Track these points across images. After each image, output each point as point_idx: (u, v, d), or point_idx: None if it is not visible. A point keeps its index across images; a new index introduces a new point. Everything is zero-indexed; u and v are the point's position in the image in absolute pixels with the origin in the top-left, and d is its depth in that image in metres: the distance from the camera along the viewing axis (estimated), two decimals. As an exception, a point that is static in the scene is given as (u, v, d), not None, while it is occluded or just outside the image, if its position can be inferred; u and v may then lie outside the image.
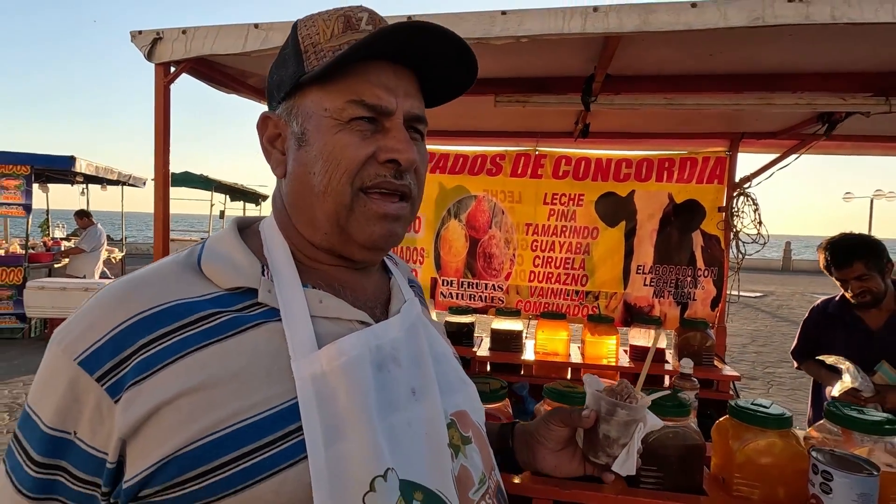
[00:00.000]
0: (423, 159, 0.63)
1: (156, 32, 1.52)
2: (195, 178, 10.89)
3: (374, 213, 0.59)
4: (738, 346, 7.77)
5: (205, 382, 0.50)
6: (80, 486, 0.50)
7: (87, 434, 0.49)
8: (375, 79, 0.57)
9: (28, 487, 0.50)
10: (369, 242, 0.60)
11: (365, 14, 0.60)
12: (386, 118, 0.58)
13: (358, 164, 0.57)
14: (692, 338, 2.32)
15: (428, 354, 0.64)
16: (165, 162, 1.58)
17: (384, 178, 0.58)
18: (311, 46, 0.59)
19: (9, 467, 0.52)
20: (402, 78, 0.60)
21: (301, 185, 0.60)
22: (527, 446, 0.82)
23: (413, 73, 0.61)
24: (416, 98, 0.61)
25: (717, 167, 2.57)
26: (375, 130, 0.58)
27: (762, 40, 1.41)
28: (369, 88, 0.57)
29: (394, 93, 0.58)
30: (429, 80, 0.63)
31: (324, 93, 0.58)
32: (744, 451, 1.20)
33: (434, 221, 2.85)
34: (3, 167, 6.36)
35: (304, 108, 0.59)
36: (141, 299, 0.52)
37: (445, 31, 0.57)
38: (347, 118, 0.57)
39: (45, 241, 9.03)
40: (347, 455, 0.51)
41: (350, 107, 0.57)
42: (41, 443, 0.50)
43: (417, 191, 0.63)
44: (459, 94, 0.67)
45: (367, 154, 0.57)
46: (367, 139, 0.58)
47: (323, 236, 0.61)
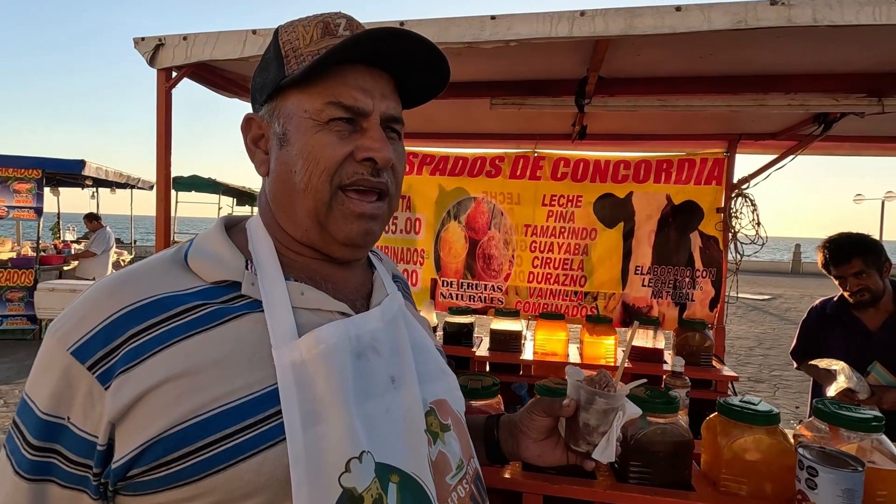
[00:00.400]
0: (399, 158, 0.66)
1: (158, 39, 1.56)
2: (203, 182, 11.00)
3: (351, 212, 0.62)
4: (744, 349, 7.72)
5: (189, 369, 0.53)
6: (73, 467, 0.53)
7: (80, 419, 0.52)
8: (352, 81, 0.60)
9: (25, 469, 0.53)
10: (347, 240, 0.63)
11: (343, 20, 0.63)
12: (363, 119, 0.61)
13: (336, 163, 0.60)
14: (690, 338, 2.33)
15: (408, 345, 0.67)
16: (167, 164, 1.63)
17: (361, 175, 0.61)
18: (291, 51, 0.62)
19: (8, 450, 0.55)
20: (378, 80, 0.62)
21: (283, 183, 0.62)
22: (511, 436, 0.85)
23: (389, 76, 0.64)
24: (391, 100, 0.64)
25: (715, 168, 2.58)
26: (353, 131, 0.61)
27: (752, 42, 1.43)
28: (346, 91, 0.60)
29: (370, 94, 0.61)
30: (405, 82, 0.66)
31: (304, 95, 0.61)
32: (731, 447, 1.21)
33: (434, 223, 2.88)
34: (15, 171, 6.48)
35: (285, 109, 0.62)
36: (130, 292, 0.55)
37: (417, 36, 0.60)
38: (326, 119, 0.60)
39: (55, 244, 9.18)
40: (324, 437, 0.53)
41: (328, 108, 0.60)
42: (37, 427, 0.53)
43: (395, 188, 0.66)
44: (433, 96, 0.70)
45: (344, 153, 0.60)
46: (344, 139, 0.60)
47: (304, 233, 0.64)
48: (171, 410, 0.51)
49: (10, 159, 6.55)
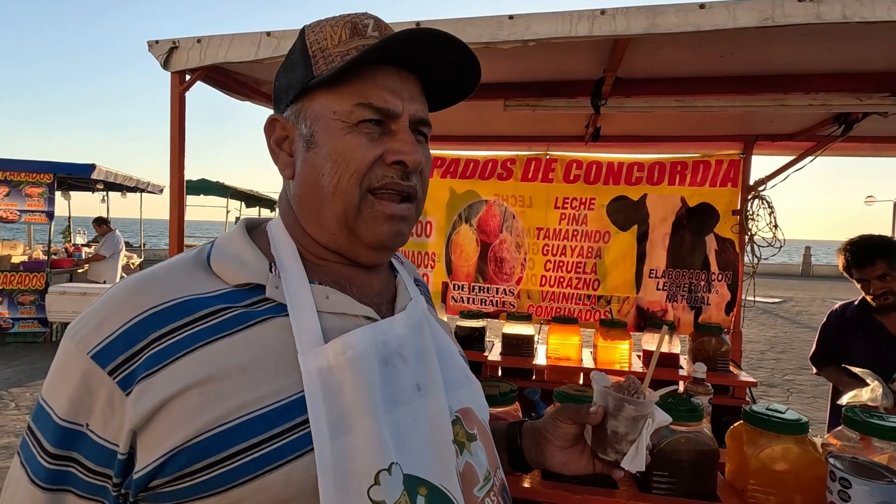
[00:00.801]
0: (427, 161, 0.65)
1: (172, 42, 1.56)
2: (212, 186, 11.07)
3: (381, 214, 0.60)
4: (756, 353, 7.63)
5: (213, 375, 0.51)
6: (92, 477, 0.51)
7: (99, 426, 0.50)
8: (382, 83, 0.59)
9: (42, 478, 0.51)
10: (377, 242, 0.61)
11: (371, 21, 0.61)
12: (392, 121, 0.60)
13: (366, 166, 0.59)
14: (707, 343, 2.28)
15: (433, 351, 0.65)
16: (181, 167, 1.62)
17: (391, 179, 0.60)
18: (319, 51, 0.60)
19: (24, 458, 0.53)
20: (406, 82, 0.61)
21: (309, 186, 0.61)
22: (536, 444, 0.82)
23: (417, 78, 0.63)
24: (420, 102, 0.63)
25: (730, 170, 2.54)
26: (382, 133, 0.60)
27: (775, 41, 1.40)
28: (376, 92, 0.59)
29: (400, 96, 0.60)
30: (433, 84, 0.65)
31: (332, 96, 0.59)
32: (758, 457, 1.18)
33: (445, 226, 2.86)
34: (27, 175, 6.54)
35: (312, 110, 0.61)
36: (152, 295, 0.53)
37: (452, 38, 0.59)
38: (356, 120, 0.59)
39: (66, 248, 9.26)
40: (353, 448, 0.52)
41: (358, 109, 0.58)
42: (54, 435, 0.51)
43: (422, 192, 0.65)
44: (462, 98, 0.68)
45: (374, 156, 0.59)
46: (374, 141, 0.59)
47: (331, 237, 0.62)
48: (196, 418, 0.49)
49: (22, 164, 6.61)
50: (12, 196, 6.50)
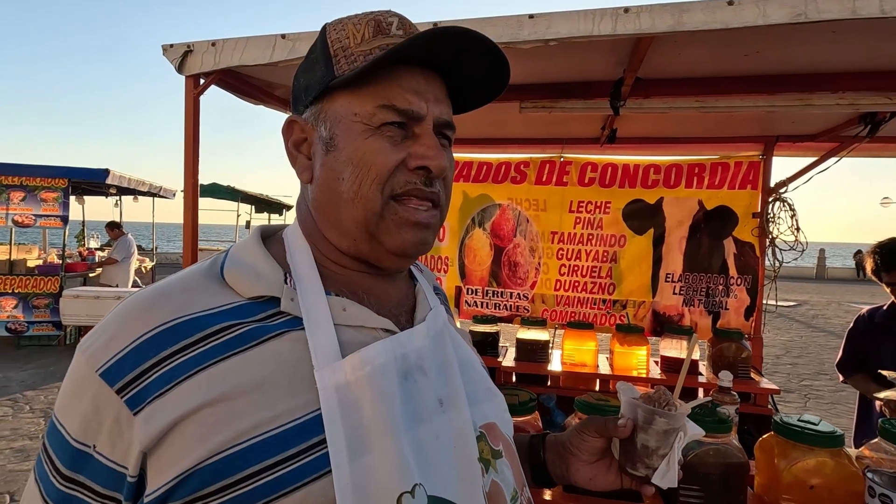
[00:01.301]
0: (451, 166, 0.62)
1: (186, 45, 1.55)
2: (222, 190, 11.15)
3: (405, 220, 0.57)
4: (771, 358, 7.50)
5: (227, 394, 0.48)
6: (100, 501, 0.49)
7: (107, 447, 0.48)
8: (406, 83, 0.56)
9: (54, 499, 0.50)
10: (399, 250, 0.58)
11: (395, 19, 0.59)
12: (416, 123, 0.57)
13: (389, 171, 0.56)
14: (727, 349, 2.23)
15: (455, 363, 0.62)
16: (195, 171, 1.61)
17: (414, 185, 0.57)
18: (340, 50, 0.57)
19: (38, 475, 0.52)
20: (432, 83, 0.59)
21: (329, 190, 0.58)
22: (560, 458, 0.79)
23: (442, 79, 0.60)
24: (445, 104, 0.60)
25: (750, 172, 2.48)
26: (406, 136, 0.57)
27: (802, 38, 1.36)
28: (400, 93, 0.56)
29: (424, 98, 0.57)
30: (458, 86, 0.62)
31: (354, 97, 0.57)
32: (791, 470, 1.13)
33: (458, 230, 2.83)
34: (43, 180, 6.63)
35: (332, 112, 0.58)
36: (163, 311, 0.51)
37: (481, 36, 0.56)
38: (378, 123, 0.56)
39: (80, 252, 9.36)
40: (373, 469, 0.49)
41: (381, 111, 0.56)
42: (66, 455, 0.49)
43: (445, 199, 0.62)
44: (489, 100, 0.65)
45: (397, 160, 0.56)
46: (397, 145, 0.56)
47: (351, 242, 0.59)
48: (208, 439, 0.47)
49: (37, 169, 6.70)
50: (28, 201, 6.59)
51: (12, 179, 6.54)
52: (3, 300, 6.56)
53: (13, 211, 6.54)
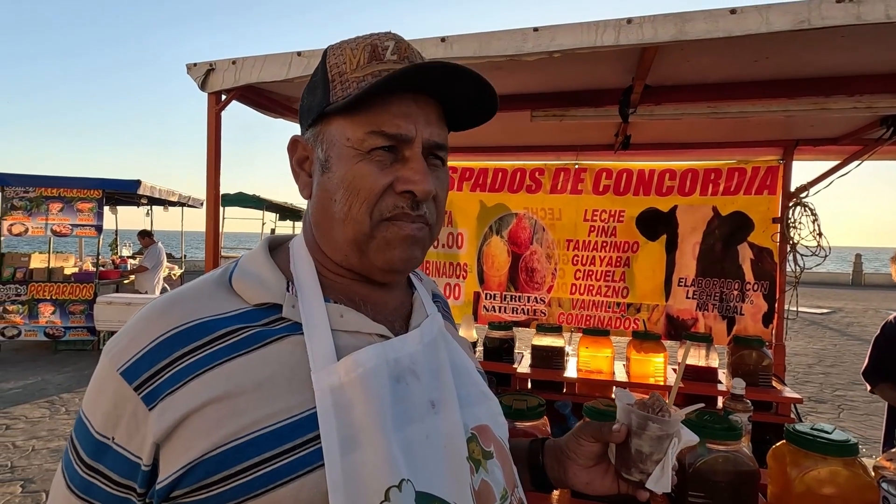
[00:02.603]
0: (442, 186, 0.64)
1: (209, 64, 1.63)
2: (248, 198, 11.45)
3: (394, 236, 0.60)
4: (803, 367, 7.26)
5: (230, 392, 0.53)
6: (117, 489, 0.53)
7: (124, 439, 0.53)
8: (396, 108, 0.59)
9: (76, 485, 0.55)
10: (388, 266, 0.61)
11: (391, 43, 0.61)
12: (406, 146, 0.59)
13: (376, 195, 0.58)
14: (746, 356, 2.19)
15: (448, 368, 0.64)
16: (216, 182, 1.68)
17: (401, 209, 0.59)
18: (337, 76, 0.60)
19: (64, 464, 0.57)
20: (423, 106, 0.60)
21: (323, 209, 0.62)
22: (558, 463, 0.80)
23: (435, 101, 0.62)
24: (436, 126, 0.62)
25: (768, 177, 2.44)
26: (395, 160, 0.59)
27: (813, 43, 1.35)
28: (389, 119, 0.58)
29: (413, 121, 0.59)
30: (453, 107, 0.64)
31: (347, 122, 0.60)
32: (803, 479, 1.12)
33: (476, 237, 2.88)
34: (79, 192, 6.94)
35: (328, 135, 0.61)
36: (176, 315, 0.56)
37: (467, 71, 0.58)
38: (368, 148, 0.58)
39: (113, 259, 9.72)
40: (363, 465, 0.52)
41: (370, 137, 0.58)
42: (90, 445, 0.54)
43: (435, 218, 0.64)
44: (480, 123, 0.67)
45: (384, 184, 0.59)
46: (385, 169, 0.59)
47: (343, 257, 0.63)
48: (213, 433, 0.51)
49: (74, 181, 7.02)
50: (65, 211, 6.90)
51: (51, 191, 6.87)
52: (42, 306, 6.87)
53: (52, 221, 6.86)
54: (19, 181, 6.84)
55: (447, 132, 0.65)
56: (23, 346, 7.07)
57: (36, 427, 4.36)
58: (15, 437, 4.13)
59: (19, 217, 6.81)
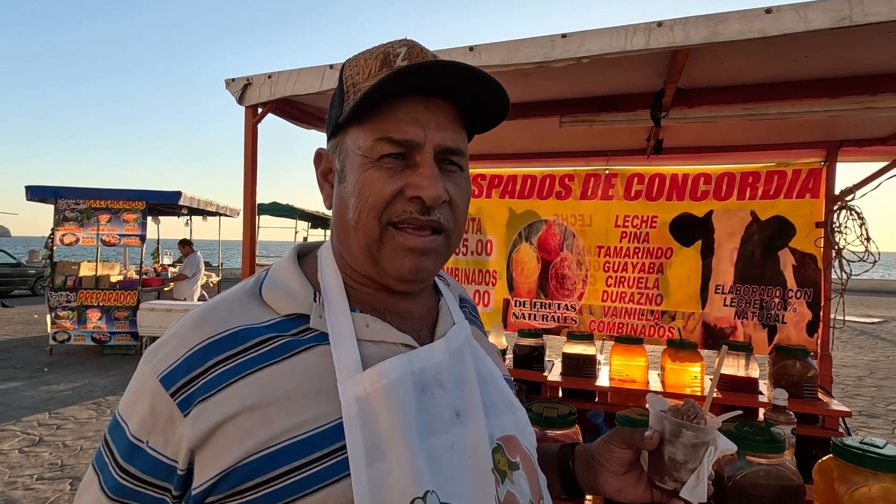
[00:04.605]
0: (460, 191, 0.62)
1: (246, 79, 1.69)
2: (282, 208, 11.74)
3: (401, 246, 0.60)
4: (852, 379, 6.89)
5: (261, 401, 0.54)
6: (150, 490, 0.55)
7: (160, 443, 0.55)
8: (404, 114, 0.58)
9: (111, 488, 0.56)
10: (398, 275, 0.61)
11: (403, 49, 0.60)
12: (416, 152, 0.59)
13: (385, 201, 0.58)
14: (790, 366, 2.09)
15: (473, 377, 0.64)
16: (253, 192, 1.74)
17: (411, 214, 0.59)
18: (351, 86, 0.61)
19: (97, 466, 0.58)
20: (434, 110, 0.59)
21: (340, 218, 0.63)
22: (589, 469, 0.79)
23: (450, 104, 0.61)
24: (449, 130, 0.60)
25: (809, 179, 2.35)
26: (406, 166, 0.59)
27: (856, 40, 1.29)
28: (397, 125, 0.58)
29: (423, 126, 0.58)
30: (469, 109, 0.63)
31: (359, 131, 0.60)
32: (853, 496, 1.06)
33: (505, 244, 2.86)
34: (125, 203, 7.30)
35: (344, 146, 0.62)
36: (211, 325, 0.58)
37: (463, 67, 0.56)
38: (377, 156, 0.58)
39: (155, 268, 10.14)
40: (388, 475, 0.52)
41: (379, 144, 0.58)
42: (126, 449, 0.56)
43: (453, 224, 0.62)
44: (495, 124, 0.66)
45: (393, 190, 0.58)
46: (395, 175, 0.59)
47: (361, 266, 0.63)
48: (246, 441, 0.52)
49: (120, 193, 7.39)
50: (113, 222, 7.27)
51: (99, 203, 7.25)
52: (90, 312, 7.22)
53: (101, 231, 7.22)
54: (71, 194, 7.24)
55: (464, 136, 0.64)
56: (72, 350, 7.43)
57: (84, 427, 4.57)
58: (65, 437, 4.34)
59: (71, 228, 7.20)
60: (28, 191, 7.31)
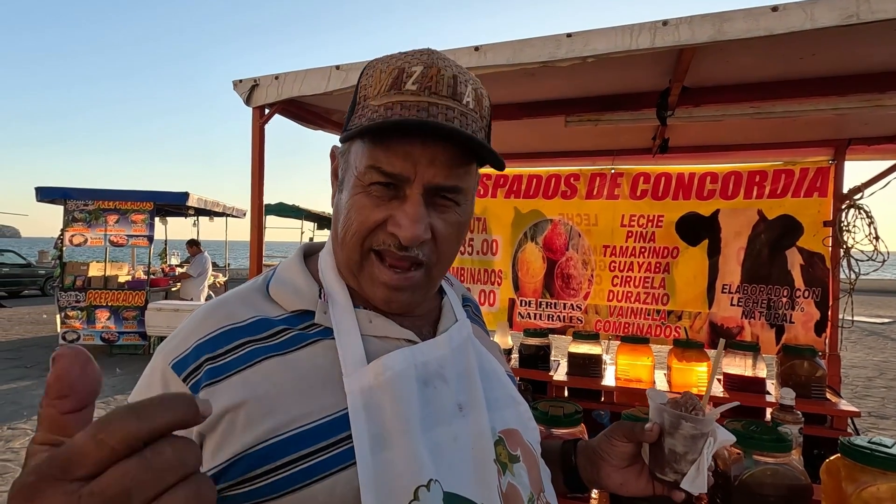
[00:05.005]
0: (449, 228, 0.61)
1: (253, 80, 1.71)
2: (288, 208, 11.80)
3: (377, 278, 0.61)
4: (862, 380, 6.82)
5: (269, 390, 0.56)
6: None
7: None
8: (397, 147, 0.56)
9: None
10: (375, 301, 0.63)
11: (418, 69, 0.58)
12: (406, 185, 0.58)
13: (368, 229, 0.59)
14: (798, 366, 2.08)
15: (476, 372, 0.65)
16: (260, 192, 1.75)
17: (388, 247, 0.59)
18: (362, 99, 0.60)
19: None
20: (430, 146, 0.56)
21: (335, 224, 0.64)
22: (591, 463, 0.79)
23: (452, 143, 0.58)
24: (445, 167, 0.57)
25: (817, 178, 2.33)
26: (394, 196, 0.58)
27: (863, 37, 1.29)
28: (388, 157, 0.56)
29: (414, 162, 0.56)
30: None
31: (360, 149, 0.59)
32: (861, 496, 1.06)
33: (510, 244, 2.87)
34: (133, 204, 7.36)
35: (348, 157, 0.62)
36: (221, 316, 0.60)
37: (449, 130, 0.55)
38: (367, 182, 0.58)
39: (163, 268, 10.22)
40: (392, 464, 0.54)
41: (370, 172, 0.58)
42: None
43: (435, 258, 0.62)
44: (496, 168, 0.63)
45: (376, 220, 0.58)
46: (381, 205, 0.58)
47: (346, 278, 0.65)
48: (255, 428, 0.54)
49: (128, 194, 7.45)
50: (121, 223, 7.33)
51: (108, 204, 7.32)
52: (99, 312, 7.29)
53: (110, 232, 7.29)
54: (80, 195, 7.31)
55: (468, 170, 0.61)
56: (81, 349, 7.49)
57: (93, 426, 4.62)
58: (74, 436, 4.39)
59: (80, 228, 7.27)
60: (38, 192, 7.39)
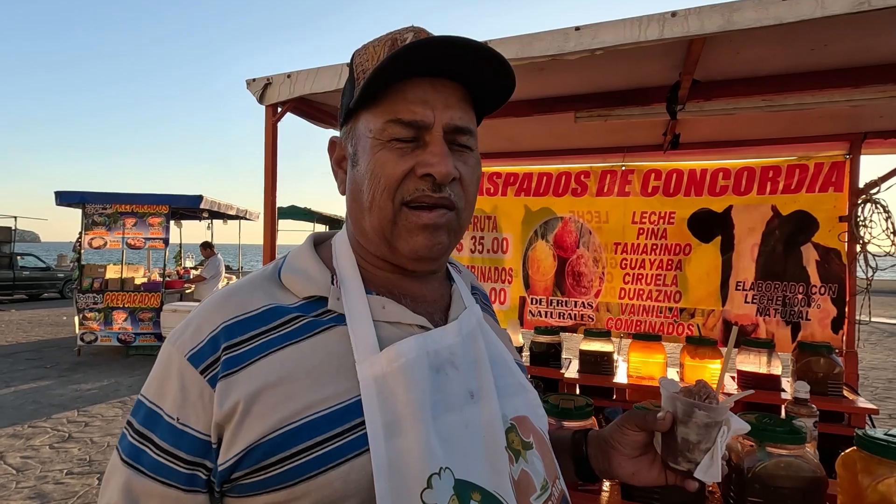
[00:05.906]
0: (470, 170, 0.63)
1: (266, 79, 1.74)
2: (300, 211, 11.90)
3: (415, 225, 0.61)
4: (882, 382, 6.68)
5: (284, 378, 0.56)
6: (187, 467, 0.55)
7: (192, 419, 0.56)
8: (412, 95, 0.59)
9: (149, 467, 0.55)
10: (413, 253, 0.62)
11: (410, 34, 0.61)
12: (425, 132, 0.60)
13: (396, 181, 0.60)
14: (814, 363, 2.05)
15: (486, 359, 0.65)
16: (273, 191, 1.78)
17: (422, 192, 0.60)
18: (361, 73, 0.62)
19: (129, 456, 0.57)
20: (441, 90, 0.60)
21: (354, 201, 0.65)
22: (602, 453, 0.79)
23: (459, 85, 0.62)
24: (457, 109, 0.61)
25: (833, 173, 2.30)
26: (416, 146, 0.60)
27: (877, 26, 1.27)
28: (405, 106, 0.59)
29: (431, 106, 0.59)
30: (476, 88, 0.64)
31: (370, 115, 0.61)
32: (877, 488, 1.05)
33: (521, 242, 2.87)
34: (149, 207, 7.49)
35: (356, 131, 0.64)
36: (233, 306, 0.60)
37: (466, 42, 0.57)
38: (387, 138, 0.60)
39: (178, 270, 10.37)
40: (405, 451, 0.54)
41: (389, 126, 0.59)
42: (165, 431, 0.56)
43: (464, 202, 0.64)
44: (503, 101, 0.67)
45: (404, 170, 0.59)
46: (405, 156, 0.60)
47: (375, 247, 0.65)
48: (269, 416, 0.54)
49: (145, 197, 7.59)
50: (138, 226, 7.46)
51: (125, 207, 7.46)
52: (116, 313, 7.42)
53: (127, 235, 7.43)
54: (98, 199, 7.46)
55: (473, 116, 0.65)
56: (99, 350, 7.64)
57: (111, 425, 4.69)
58: (92, 434, 4.47)
59: (99, 232, 7.41)
60: (57, 196, 7.54)
